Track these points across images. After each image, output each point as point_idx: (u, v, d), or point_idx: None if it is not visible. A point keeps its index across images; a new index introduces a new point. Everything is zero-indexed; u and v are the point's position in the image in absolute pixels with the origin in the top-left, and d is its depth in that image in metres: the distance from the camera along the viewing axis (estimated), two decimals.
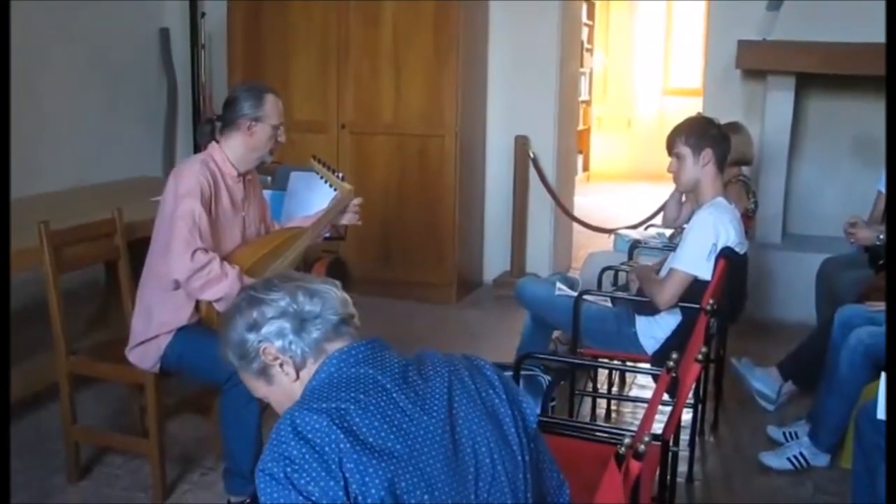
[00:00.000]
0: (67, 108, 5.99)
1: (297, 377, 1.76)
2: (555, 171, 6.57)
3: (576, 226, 7.05)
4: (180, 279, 3.13)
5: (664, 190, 5.06)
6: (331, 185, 3.64)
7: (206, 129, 3.43)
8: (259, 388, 1.84)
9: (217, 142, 3.33)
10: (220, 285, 3.12)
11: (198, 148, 6.13)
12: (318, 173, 3.68)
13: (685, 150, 3.63)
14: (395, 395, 1.62)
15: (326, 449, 1.52)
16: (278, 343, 1.75)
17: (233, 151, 3.31)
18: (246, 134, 3.28)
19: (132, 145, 6.60)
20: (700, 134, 3.64)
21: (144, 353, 3.26)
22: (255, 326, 1.77)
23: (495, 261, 6.62)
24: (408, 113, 6.13)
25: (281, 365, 1.76)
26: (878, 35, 5.09)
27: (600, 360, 3.87)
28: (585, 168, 12.06)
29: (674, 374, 2.29)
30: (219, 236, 3.25)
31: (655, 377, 3.13)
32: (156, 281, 3.25)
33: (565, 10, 6.51)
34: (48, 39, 5.79)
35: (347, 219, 3.65)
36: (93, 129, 6.22)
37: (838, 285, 4.60)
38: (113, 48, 6.46)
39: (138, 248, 3.54)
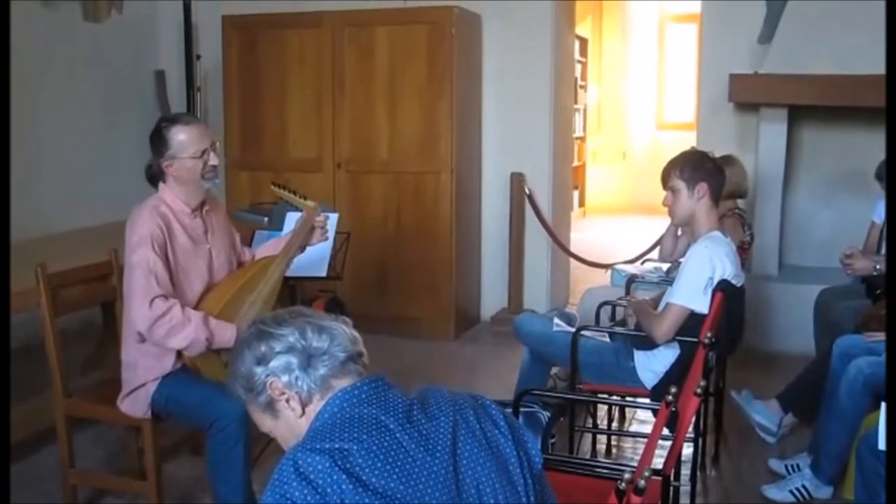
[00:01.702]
0: (63, 151, 6.02)
1: (303, 413, 1.76)
2: (551, 206, 6.59)
3: (573, 261, 7.06)
4: (142, 330, 3.10)
5: (660, 223, 5.07)
6: (298, 208, 3.62)
7: (148, 174, 3.36)
8: (264, 422, 1.83)
9: (164, 182, 3.29)
10: (184, 332, 3.08)
11: None
12: (282, 199, 3.65)
13: (680, 184, 3.64)
14: (398, 435, 1.61)
15: (328, 490, 1.51)
16: (285, 378, 1.75)
17: (173, 189, 3.26)
18: (169, 174, 3.23)
19: (128, 187, 6.55)
20: (695, 167, 3.66)
21: (134, 401, 3.25)
22: (262, 360, 1.77)
23: (493, 297, 6.62)
24: (403, 150, 6.16)
25: (287, 400, 1.76)
26: (868, 67, 5.14)
27: (599, 395, 3.86)
28: (581, 203, 12.10)
29: (673, 408, 2.28)
30: (182, 275, 3.22)
31: (655, 412, 3.12)
32: (134, 334, 3.22)
33: (558, 47, 6.56)
34: (44, 83, 5.83)
35: (316, 237, 3.57)
36: (89, 172, 6.24)
37: (836, 315, 4.60)
38: (108, 91, 6.50)
39: None
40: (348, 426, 1.62)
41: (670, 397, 2.24)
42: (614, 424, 4.48)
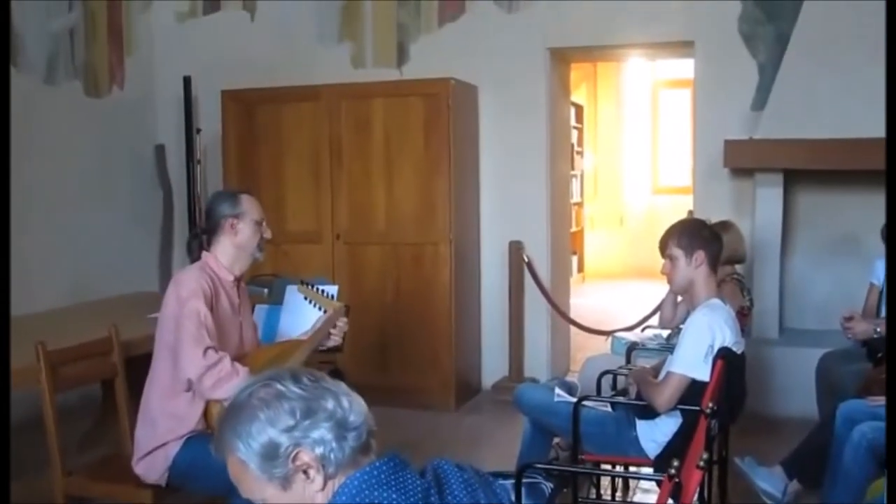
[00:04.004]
0: (63, 225, 6.05)
1: (324, 487, 1.60)
2: (549, 273, 6.60)
3: (573, 328, 7.05)
4: (193, 377, 3.13)
5: (659, 287, 5.08)
6: (320, 307, 3.67)
7: (195, 244, 3.50)
8: (263, 492, 1.63)
9: (208, 251, 3.39)
10: (231, 384, 3.09)
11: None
12: (306, 298, 3.72)
13: (678, 252, 3.66)
14: None
15: None
16: (319, 450, 1.58)
17: (224, 254, 3.37)
18: (231, 233, 3.35)
19: (128, 261, 6.64)
20: (692, 235, 3.68)
21: (152, 463, 3.24)
22: (292, 427, 1.58)
23: (493, 366, 6.60)
24: (402, 221, 6.20)
25: (305, 471, 1.59)
26: (861, 130, 5.20)
27: (602, 465, 3.83)
28: (580, 269, 12.11)
29: (676, 480, 2.27)
30: (221, 338, 3.27)
31: (659, 482, 3.10)
32: (159, 389, 3.26)
33: (554, 115, 6.63)
34: (43, 157, 5.88)
35: (333, 340, 3.64)
36: (88, 246, 6.27)
37: (838, 379, 4.58)
38: (109, 165, 6.56)
39: (135, 365, 3.53)
40: None
41: (672, 470, 2.23)
42: (618, 495, 4.43)
